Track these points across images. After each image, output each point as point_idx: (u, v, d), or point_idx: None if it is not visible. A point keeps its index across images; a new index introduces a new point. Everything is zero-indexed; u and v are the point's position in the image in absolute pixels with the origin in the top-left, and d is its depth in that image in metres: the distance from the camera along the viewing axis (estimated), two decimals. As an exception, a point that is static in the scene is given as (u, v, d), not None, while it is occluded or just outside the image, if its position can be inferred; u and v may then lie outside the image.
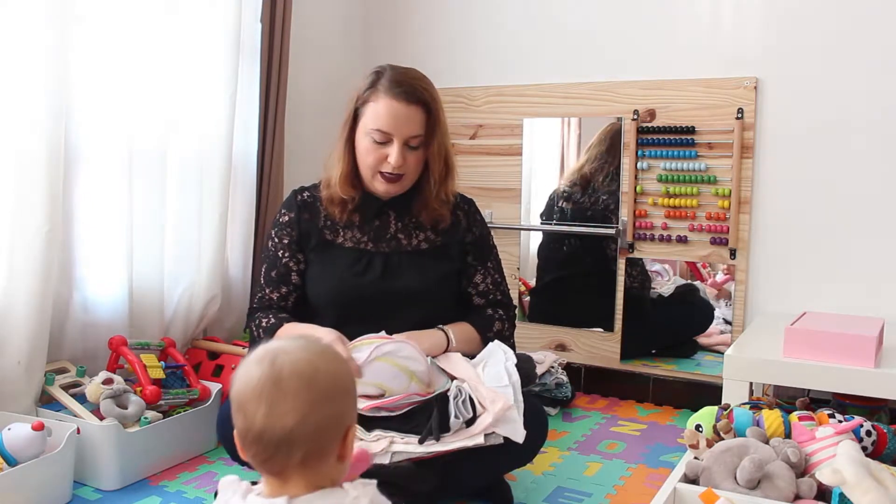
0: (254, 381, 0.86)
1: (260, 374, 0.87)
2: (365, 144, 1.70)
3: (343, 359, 0.96)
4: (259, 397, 0.85)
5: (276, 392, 0.85)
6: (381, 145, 1.68)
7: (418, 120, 1.68)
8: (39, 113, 1.78)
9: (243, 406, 0.87)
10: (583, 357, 2.65)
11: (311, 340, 0.94)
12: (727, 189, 2.37)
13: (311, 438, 0.86)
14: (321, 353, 0.92)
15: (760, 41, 2.33)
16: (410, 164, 1.71)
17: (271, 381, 0.86)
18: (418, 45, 2.80)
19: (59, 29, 1.80)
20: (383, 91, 1.67)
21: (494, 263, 1.88)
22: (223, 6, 2.24)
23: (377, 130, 1.67)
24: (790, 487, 1.38)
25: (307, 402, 0.86)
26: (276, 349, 0.89)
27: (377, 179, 1.72)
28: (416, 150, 1.71)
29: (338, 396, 0.90)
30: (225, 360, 2.21)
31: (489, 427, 1.52)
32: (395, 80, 1.67)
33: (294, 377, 0.86)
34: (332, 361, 0.92)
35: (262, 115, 2.45)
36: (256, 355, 0.90)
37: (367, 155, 1.70)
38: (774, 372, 1.86)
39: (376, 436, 1.52)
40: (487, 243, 1.89)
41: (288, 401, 0.85)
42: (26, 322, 1.80)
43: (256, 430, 0.85)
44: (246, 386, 0.87)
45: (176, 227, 2.22)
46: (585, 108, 2.58)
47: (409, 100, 1.66)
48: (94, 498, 1.74)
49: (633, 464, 2.01)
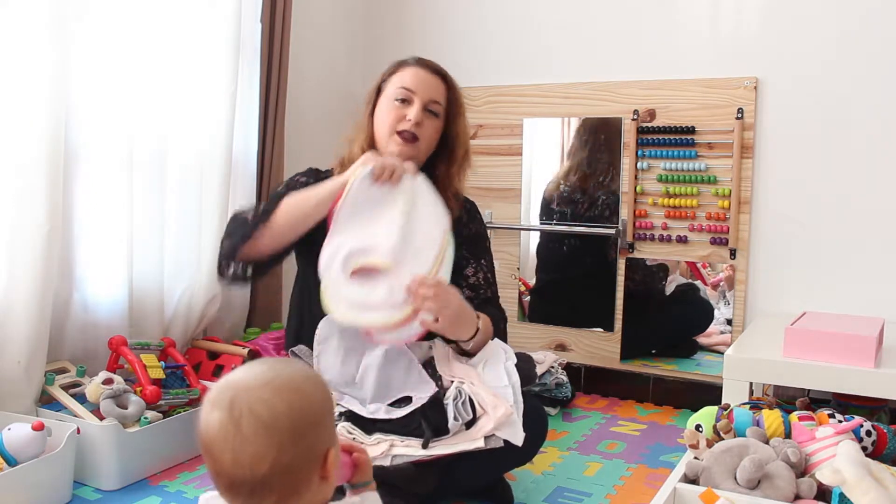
0: (214, 426, 0.82)
1: (219, 419, 0.82)
2: (386, 106, 1.74)
3: (313, 379, 0.88)
4: (223, 442, 0.81)
5: (237, 438, 0.81)
6: (403, 105, 1.71)
7: (439, 87, 1.75)
8: (39, 113, 1.78)
9: (209, 449, 0.83)
10: (583, 357, 2.65)
11: (271, 367, 0.87)
12: (727, 189, 2.37)
13: (285, 479, 0.82)
14: (283, 387, 0.84)
15: (760, 41, 2.33)
16: (427, 129, 1.73)
17: (232, 425, 0.81)
18: (419, 45, 2.79)
19: (59, 28, 1.80)
20: (409, 64, 1.76)
21: (488, 263, 1.86)
22: (223, 6, 2.24)
23: (401, 88, 1.72)
24: (790, 487, 1.38)
25: (273, 445, 0.81)
26: (234, 388, 0.84)
27: (393, 140, 1.72)
28: (435, 119, 1.74)
29: (308, 430, 0.84)
30: (225, 360, 2.21)
31: (489, 430, 1.52)
32: (420, 58, 1.78)
33: (253, 422, 0.81)
34: (295, 394, 0.84)
35: (262, 115, 2.45)
36: (213, 396, 0.84)
37: (387, 115, 1.73)
38: (774, 372, 1.86)
39: (376, 439, 1.52)
40: (483, 242, 1.88)
41: (252, 446, 0.81)
42: (26, 322, 1.80)
43: (226, 476, 0.82)
44: (208, 430, 0.83)
45: (176, 227, 2.22)
46: (585, 108, 2.58)
47: (433, 70, 1.76)
48: (94, 498, 1.74)
49: (633, 464, 2.01)
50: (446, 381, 1.62)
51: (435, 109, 1.73)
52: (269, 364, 0.88)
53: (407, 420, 1.55)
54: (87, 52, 1.95)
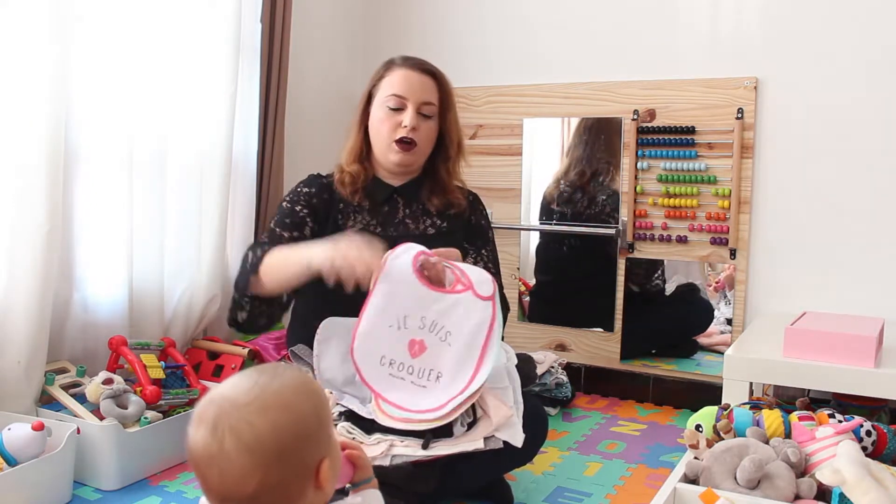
0: (199, 445, 0.81)
1: (203, 437, 0.80)
2: (379, 116, 1.73)
3: (303, 390, 0.86)
4: (209, 459, 0.80)
5: (222, 458, 0.79)
6: (396, 112, 1.71)
7: (431, 88, 1.74)
8: (39, 113, 1.78)
9: (197, 466, 0.82)
10: (583, 357, 2.65)
11: (257, 381, 0.84)
12: (727, 189, 2.37)
13: (275, 495, 0.81)
14: (269, 404, 0.82)
15: (760, 41, 2.33)
16: (423, 132, 1.73)
17: (215, 445, 0.80)
18: (418, 45, 2.79)
19: (59, 28, 1.80)
20: (397, 65, 1.75)
21: (489, 253, 1.84)
22: (223, 6, 2.24)
23: (392, 96, 1.71)
24: (790, 487, 1.38)
25: (258, 467, 0.79)
26: (219, 404, 0.82)
27: (391, 150, 1.73)
28: (430, 121, 1.74)
29: (296, 447, 0.82)
30: (225, 360, 2.21)
31: (489, 431, 1.52)
32: (407, 57, 1.77)
33: (236, 444, 0.79)
34: (282, 412, 0.82)
35: (262, 115, 2.45)
36: (199, 410, 0.83)
37: (381, 125, 1.73)
38: (774, 372, 1.85)
39: (376, 439, 1.52)
40: (485, 233, 1.88)
41: (237, 467, 0.79)
42: (26, 322, 1.80)
43: (216, 493, 0.81)
44: (194, 447, 0.81)
45: (176, 227, 2.22)
46: (585, 108, 2.58)
47: (422, 70, 1.75)
48: (94, 498, 1.74)
49: (633, 464, 2.01)
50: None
51: (428, 112, 1.73)
52: (256, 377, 0.85)
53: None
54: (87, 52, 1.95)
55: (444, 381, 1.48)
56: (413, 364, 1.50)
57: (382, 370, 1.51)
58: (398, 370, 1.50)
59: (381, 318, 1.50)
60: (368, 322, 1.50)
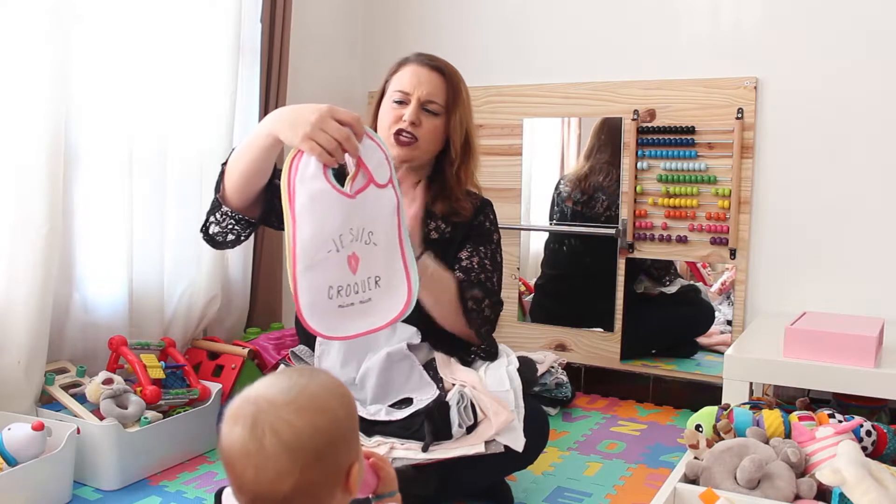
0: (237, 443, 0.81)
1: (241, 436, 0.81)
2: (385, 110, 1.72)
3: (337, 393, 0.87)
4: (246, 458, 0.81)
5: (260, 456, 0.80)
6: (400, 106, 1.68)
7: (438, 84, 1.69)
8: (39, 113, 1.78)
9: (231, 465, 0.82)
10: (583, 357, 2.65)
11: (295, 381, 0.85)
12: (727, 189, 2.37)
13: (308, 495, 0.82)
14: (307, 405, 0.83)
15: (760, 41, 2.33)
16: (425, 128, 1.68)
17: (254, 444, 0.80)
18: (418, 45, 2.76)
19: (59, 29, 1.80)
20: (409, 61, 1.73)
21: (486, 251, 1.75)
22: (223, 6, 2.24)
23: (397, 91, 1.69)
24: (790, 487, 1.38)
25: (296, 466, 0.80)
26: (257, 403, 0.82)
27: (390, 143, 1.68)
28: (434, 118, 1.68)
29: (331, 449, 0.83)
30: (225, 360, 2.21)
31: (490, 436, 1.52)
32: (421, 54, 1.75)
33: (276, 443, 0.80)
34: (319, 413, 0.83)
35: (262, 114, 2.45)
36: (235, 409, 0.83)
37: (385, 116, 1.71)
38: (774, 372, 1.85)
39: (377, 441, 1.52)
40: (487, 234, 1.79)
41: (275, 466, 0.80)
42: (26, 322, 1.80)
43: (249, 492, 0.82)
44: (231, 445, 0.82)
45: (176, 226, 2.22)
46: (585, 108, 2.58)
47: (431, 66, 1.71)
48: (94, 498, 1.74)
49: (633, 464, 2.01)
50: (447, 383, 1.61)
51: (433, 109, 1.68)
52: (292, 378, 0.85)
53: (407, 422, 1.54)
54: (87, 53, 1.95)
55: (383, 283, 1.38)
56: (355, 280, 1.34)
57: (331, 306, 1.32)
58: (346, 296, 1.34)
59: (317, 247, 1.30)
60: (306, 257, 1.29)
